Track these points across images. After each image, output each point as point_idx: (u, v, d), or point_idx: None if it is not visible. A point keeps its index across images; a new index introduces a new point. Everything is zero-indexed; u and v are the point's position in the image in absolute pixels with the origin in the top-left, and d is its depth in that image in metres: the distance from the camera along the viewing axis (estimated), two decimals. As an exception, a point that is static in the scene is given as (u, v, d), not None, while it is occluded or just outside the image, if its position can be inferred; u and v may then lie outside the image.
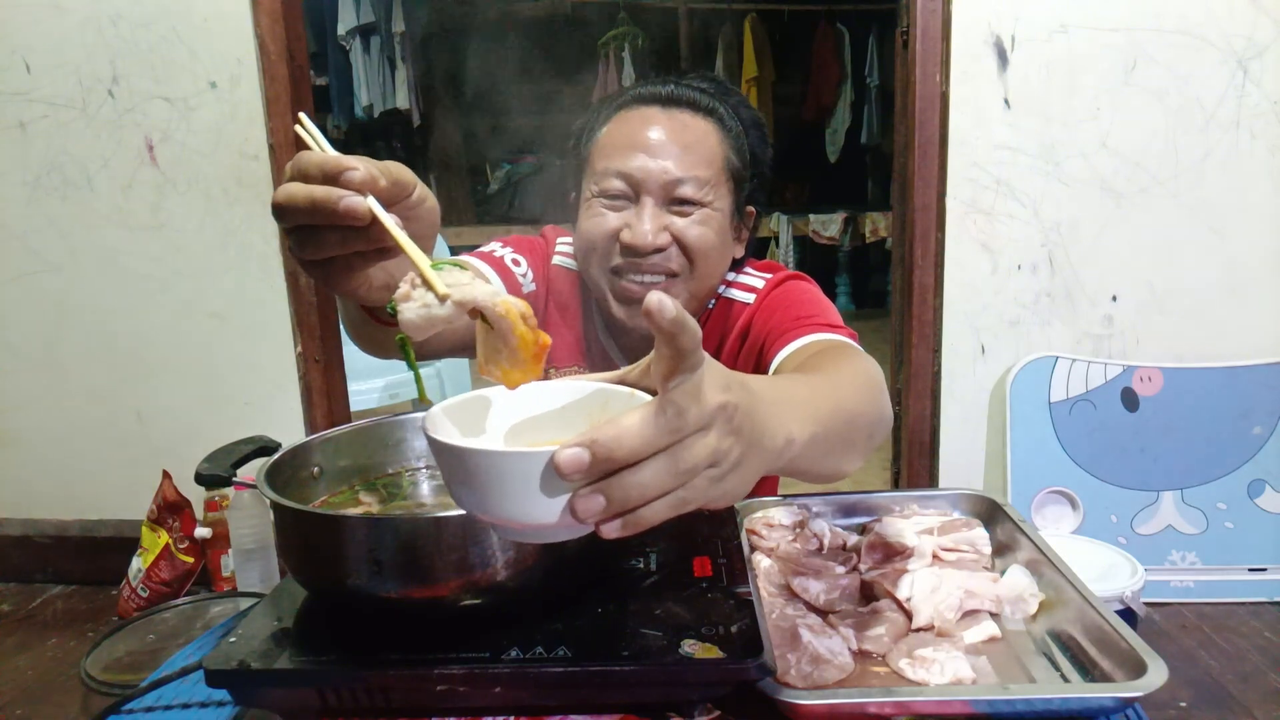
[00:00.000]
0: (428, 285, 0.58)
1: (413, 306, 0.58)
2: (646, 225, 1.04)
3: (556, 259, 1.25)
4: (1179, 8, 1.59)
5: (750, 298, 1.19)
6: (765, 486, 1.36)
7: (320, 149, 0.65)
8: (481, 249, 1.22)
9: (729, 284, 1.22)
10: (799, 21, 6.14)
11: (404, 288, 0.59)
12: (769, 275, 1.22)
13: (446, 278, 0.58)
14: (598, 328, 1.23)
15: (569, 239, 1.25)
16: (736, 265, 1.24)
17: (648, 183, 1.05)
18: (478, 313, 0.57)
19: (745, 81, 5.99)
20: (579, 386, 0.59)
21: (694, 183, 1.06)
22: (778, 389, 0.68)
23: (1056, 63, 1.62)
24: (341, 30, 5.44)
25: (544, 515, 0.49)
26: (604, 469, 0.47)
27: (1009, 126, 1.65)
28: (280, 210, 0.62)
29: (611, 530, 0.50)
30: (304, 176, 0.62)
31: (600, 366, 1.21)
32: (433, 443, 0.52)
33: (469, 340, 1.05)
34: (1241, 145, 1.63)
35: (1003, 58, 1.63)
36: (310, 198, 0.60)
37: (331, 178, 0.60)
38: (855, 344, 1.03)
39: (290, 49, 1.70)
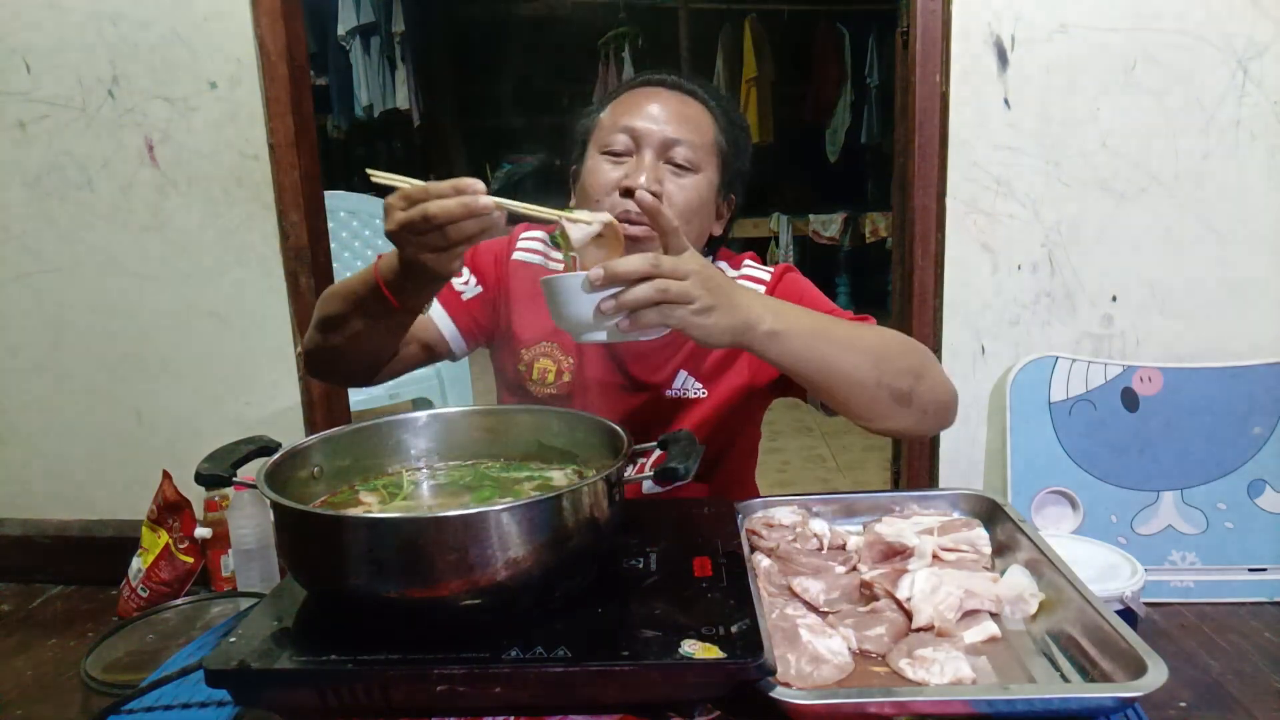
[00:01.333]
0: (575, 221, 0.95)
1: (574, 230, 0.94)
2: (644, 173, 1.15)
3: (517, 254, 1.34)
4: (1179, 8, 1.59)
5: (760, 289, 1.26)
6: (748, 489, 1.37)
7: (410, 184, 0.90)
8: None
9: (743, 278, 1.29)
10: (799, 21, 6.13)
11: (563, 225, 0.95)
12: (770, 267, 1.31)
13: (582, 216, 0.95)
14: None
15: (533, 233, 1.35)
16: (714, 246, 1.32)
17: (648, 137, 1.17)
18: (610, 228, 0.97)
19: (745, 81, 5.99)
20: None
21: (688, 146, 1.18)
22: (763, 296, 1.00)
23: (1056, 63, 1.62)
24: (341, 30, 5.44)
25: (586, 314, 0.85)
26: (612, 281, 0.83)
27: (1009, 126, 1.65)
28: (429, 219, 0.86)
29: (625, 324, 0.85)
30: (439, 195, 0.87)
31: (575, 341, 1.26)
32: (542, 283, 0.89)
33: (424, 355, 1.29)
34: (1241, 145, 1.63)
35: (1003, 58, 1.63)
36: (464, 205, 0.86)
37: (462, 191, 0.87)
38: (874, 322, 1.16)
39: (290, 49, 1.70)
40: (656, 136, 1.17)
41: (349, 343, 1.10)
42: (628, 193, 1.14)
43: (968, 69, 1.64)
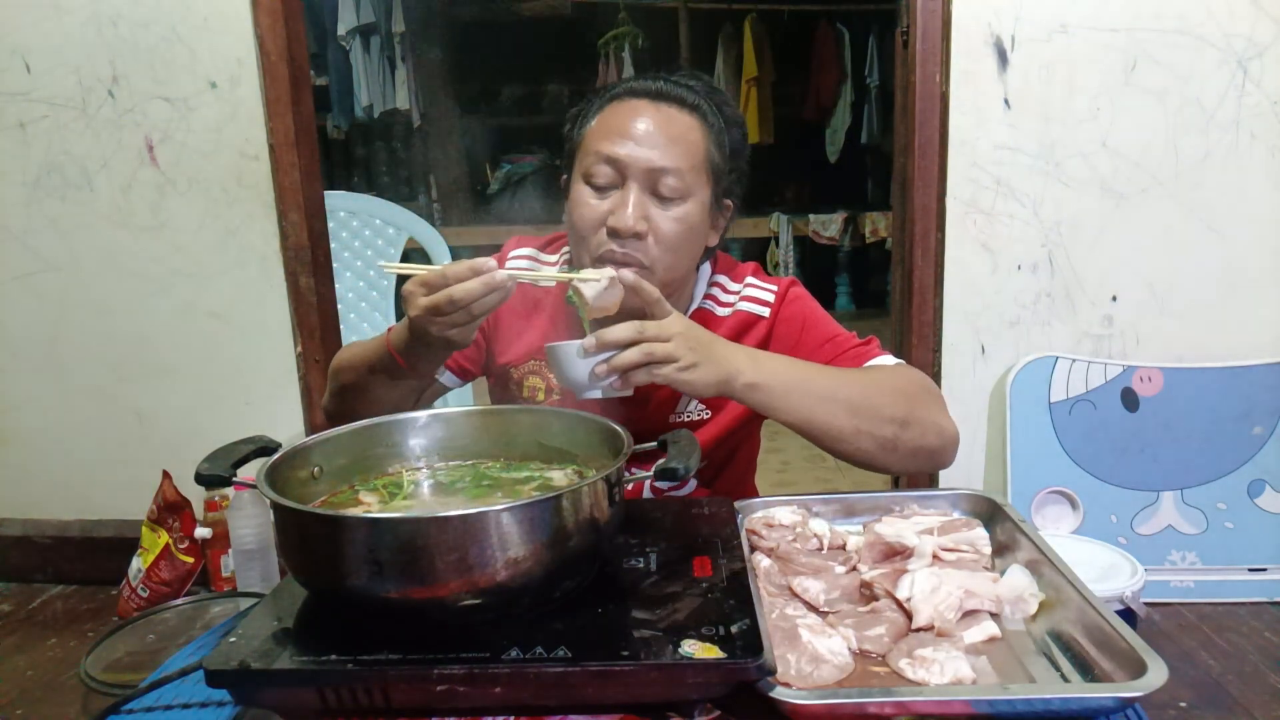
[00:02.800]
0: (585, 280, 1.03)
1: (587, 288, 1.02)
2: (630, 210, 1.12)
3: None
4: (1179, 8, 1.59)
5: (764, 310, 1.26)
6: (748, 493, 1.37)
7: (426, 268, 0.99)
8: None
9: (744, 298, 1.28)
10: (799, 21, 6.13)
11: (576, 285, 1.03)
12: (773, 285, 1.29)
13: (590, 275, 1.04)
14: (567, 313, 1.31)
15: (522, 250, 1.35)
16: (709, 253, 1.30)
17: (633, 168, 1.13)
18: (616, 280, 1.03)
19: (745, 81, 5.99)
20: None
21: (675, 174, 1.13)
22: (746, 349, 1.06)
23: (1056, 63, 1.62)
24: (341, 30, 5.44)
25: (583, 376, 0.95)
26: (605, 348, 0.94)
27: (1009, 126, 1.65)
28: (455, 302, 0.95)
29: (617, 383, 0.96)
30: (458, 278, 0.96)
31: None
32: (546, 350, 0.98)
33: (430, 398, 1.38)
34: (1241, 145, 1.63)
35: (1003, 58, 1.63)
36: (485, 284, 0.95)
37: (479, 271, 0.96)
38: (877, 347, 1.22)
39: (290, 49, 1.70)
40: (640, 167, 1.12)
41: (367, 406, 1.17)
42: (614, 232, 1.13)
43: (968, 69, 1.63)
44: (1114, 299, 1.69)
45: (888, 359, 1.20)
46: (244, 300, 1.79)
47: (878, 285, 6.32)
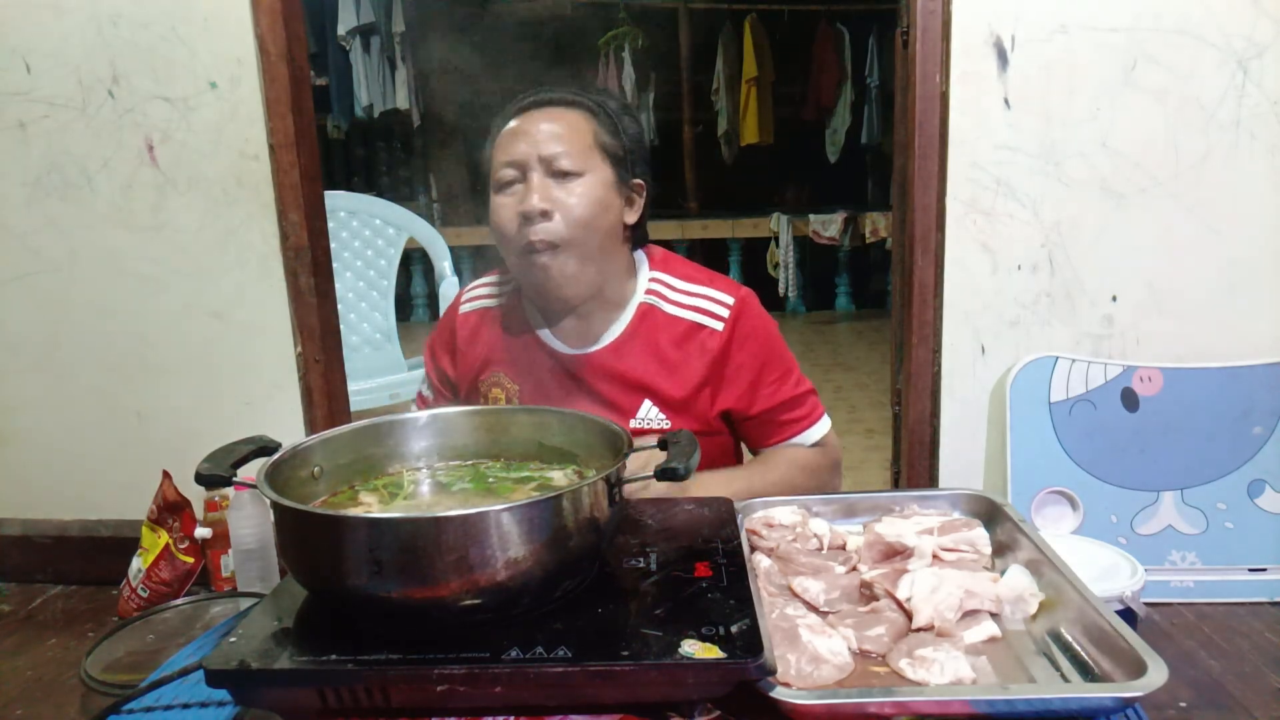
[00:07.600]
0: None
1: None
2: (534, 194, 1.25)
3: (464, 308, 1.50)
4: (1179, 8, 1.59)
5: (717, 325, 1.35)
6: None
7: None
8: (419, 388, 1.58)
9: (694, 309, 1.36)
10: (799, 21, 6.14)
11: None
12: (730, 300, 1.37)
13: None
14: (520, 322, 1.42)
15: (477, 286, 1.51)
16: (639, 238, 1.40)
17: (530, 161, 1.28)
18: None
19: (745, 81, 6.00)
20: None
21: (566, 155, 1.27)
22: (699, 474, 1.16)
23: (1056, 63, 1.62)
24: (341, 30, 5.45)
25: None
26: None
27: (1009, 126, 1.64)
28: None
29: None
30: None
31: (529, 358, 1.39)
32: None
33: None
34: (1241, 145, 1.63)
35: (1003, 58, 1.63)
36: None
37: None
38: (814, 406, 1.41)
39: (290, 49, 1.70)
40: (534, 157, 1.27)
41: None
42: (525, 218, 1.25)
43: (968, 69, 1.63)
44: (1114, 299, 1.69)
45: (813, 432, 1.39)
46: (244, 300, 1.79)
47: (878, 285, 6.33)
